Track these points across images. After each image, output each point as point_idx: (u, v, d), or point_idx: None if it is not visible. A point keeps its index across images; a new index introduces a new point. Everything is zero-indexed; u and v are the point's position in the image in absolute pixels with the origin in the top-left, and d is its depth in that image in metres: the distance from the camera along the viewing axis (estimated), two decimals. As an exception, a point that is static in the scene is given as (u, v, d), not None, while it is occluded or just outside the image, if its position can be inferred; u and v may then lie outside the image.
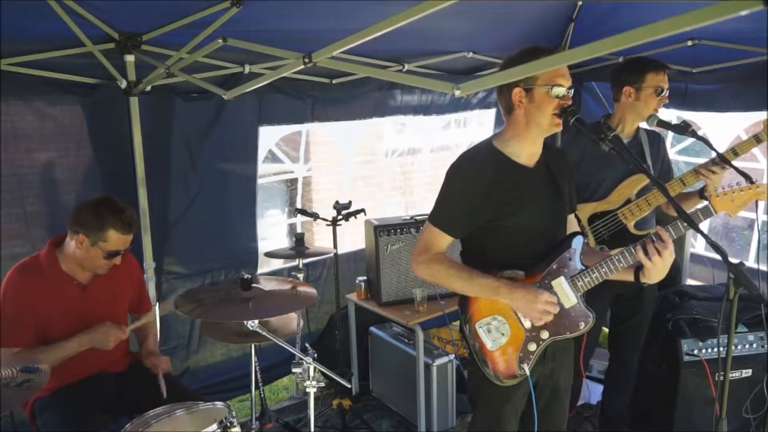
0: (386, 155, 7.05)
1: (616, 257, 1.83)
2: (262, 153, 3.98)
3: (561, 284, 1.87)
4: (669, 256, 1.73)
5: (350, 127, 4.20)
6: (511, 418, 2.01)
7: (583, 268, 1.88)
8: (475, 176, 1.87)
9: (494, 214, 1.86)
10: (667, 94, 2.66)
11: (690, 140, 4.84)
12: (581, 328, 1.89)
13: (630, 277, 1.85)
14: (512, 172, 1.89)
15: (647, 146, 2.79)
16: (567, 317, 1.88)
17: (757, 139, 2.53)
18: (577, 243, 1.91)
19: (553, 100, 1.78)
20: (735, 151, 2.54)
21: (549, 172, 1.96)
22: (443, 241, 1.91)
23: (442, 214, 1.91)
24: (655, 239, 1.73)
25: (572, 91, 1.82)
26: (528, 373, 1.89)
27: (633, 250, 1.78)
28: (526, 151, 1.91)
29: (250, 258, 3.70)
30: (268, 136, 4.82)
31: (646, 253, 1.72)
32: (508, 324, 1.90)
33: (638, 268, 1.81)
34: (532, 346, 1.90)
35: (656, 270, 1.74)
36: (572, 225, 2.08)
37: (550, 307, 1.80)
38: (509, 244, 1.92)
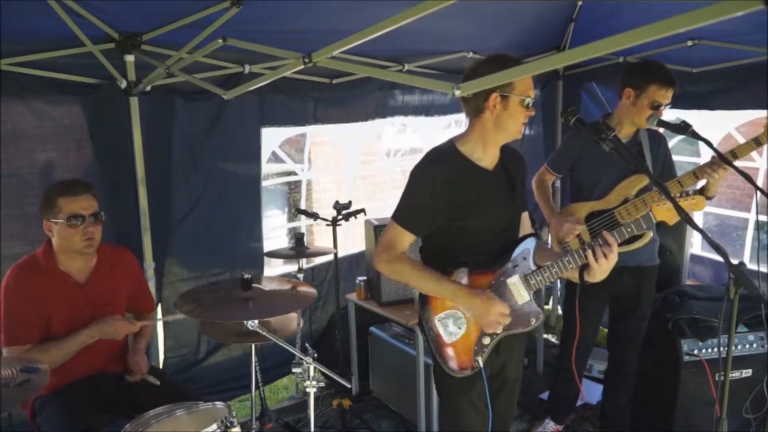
0: (387, 155, 7.05)
1: (567, 258, 1.93)
2: (265, 154, 3.97)
3: (515, 282, 1.97)
4: (613, 258, 1.85)
5: (351, 127, 4.19)
6: (471, 409, 2.07)
7: (536, 267, 1.98)
8: (437, 178, 1.92)
9: (454, 215, 1.94)
10: (663, 110, 2.64)
11: (677, 139, 4.84)
12: (532, 323, 2.00)
13: (575, 275, 1.95)
14: (473, 175, 1.96)
15: (647, 146, 2.79)
16: (520, 313, 1.98)
17: (756, 142, 2.52)
18: (531, 244, 2.01)
19: (524, 110, 1.88)
20: (734, 153, 2.53)
21: (507, 174, 2.05)
22: (406, 239, 1.98)
23: (405, 213, 1.97)
24: (602, 243, 1.85)
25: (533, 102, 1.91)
26: (482, 365, 1.98)
27: (582, 253, 1.89)
28: (489, 155, 2.00)
29: (255, 260, 3.68)
30: (271, 138, 4.81)
31: (594, 255, 1.84)
32: (465, 318, 1.98)
33: (583, 268, 1.92)
34: (486, 340, 1.99)
35: (600, 270, 1.86)
36: (525, 223, 2.19)
37: (502, 319, 1.92)
38: (467, 243, 2.00)
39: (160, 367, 3.32)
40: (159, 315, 3.31)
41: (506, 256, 2.00)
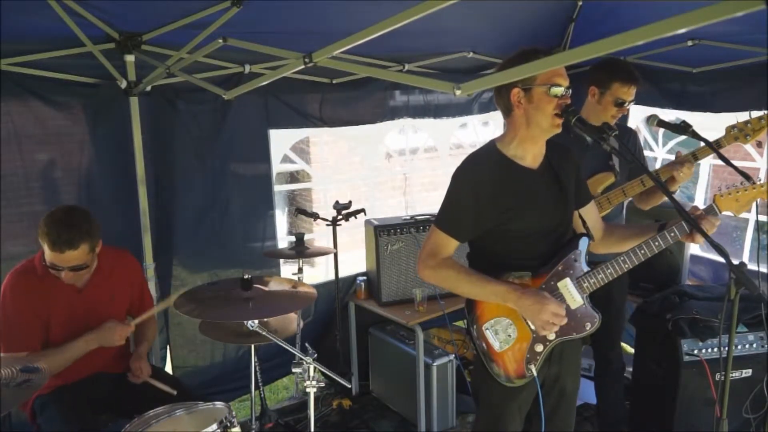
0: (388, 156, 7.05)
1: (622, 258, 1.88)
2: (276, 155, 3.91)
3: (567, 285, 1.89)
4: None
5: (351, 127, 4.16)
6: (515, 418, 2.01)
7: (589, 269, 1.90)
8: (479, 181, 1.87)
9: (498, 219, 1.86)
10: (628, 107, 2.64)
11: (678, 139, 4.82)
12: (587, 328, 1.90)
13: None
14: (516, 176, 1.89)
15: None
16: (573, 318, 1.89)
17: (717, 145, 2.46)
18: (583, 244, 1.93)
19: (552, 100, 1.78)
20: (695, 155, 2.51)
21: (553, 172, 1.95)
22: (450, 245, 1.91)
23: (447, 218, 1.91)
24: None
25: (570, 90, 1.81)
26: (536, 373, 1.90)
27: (638, 252, 1.86)
28: (530, 153, 1.91)
29: (270, 261, 3.62)
30: (282, 140, 4.77)
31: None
32: (515, 325, 1.90)
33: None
34: (539, 347, 1.90)
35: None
36: (577, 224, 2.07)
37: (556, 319, 1.80)
38: (515, 247, 1.92)
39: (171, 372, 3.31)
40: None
41: (556, 258, 1.91)
